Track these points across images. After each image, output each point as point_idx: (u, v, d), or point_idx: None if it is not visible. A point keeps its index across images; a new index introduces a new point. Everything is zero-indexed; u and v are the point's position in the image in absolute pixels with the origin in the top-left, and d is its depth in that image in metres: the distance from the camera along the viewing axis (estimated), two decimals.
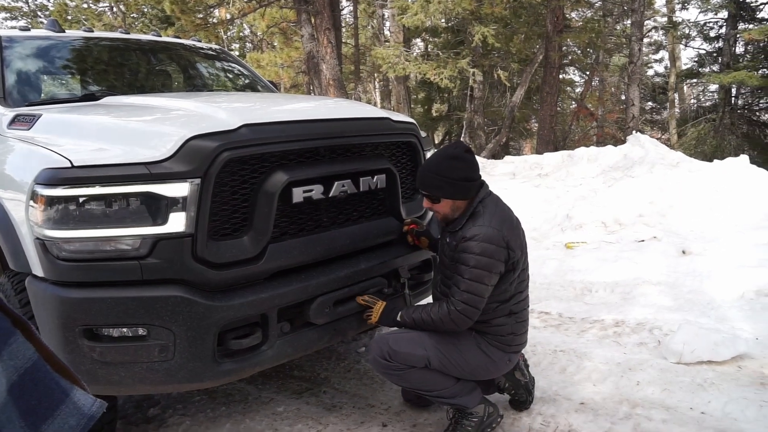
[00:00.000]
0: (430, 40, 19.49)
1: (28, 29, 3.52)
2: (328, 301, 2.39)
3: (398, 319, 2.48)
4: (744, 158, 7.03)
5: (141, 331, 2.05)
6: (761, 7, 16.31)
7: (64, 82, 3.65)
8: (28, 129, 2.42)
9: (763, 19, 16.13)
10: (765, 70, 15.54)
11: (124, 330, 2.05)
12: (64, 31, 3.63)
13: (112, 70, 3.70)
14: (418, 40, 20.76)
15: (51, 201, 1.95)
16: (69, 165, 1.98)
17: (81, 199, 1.96)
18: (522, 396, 2.76)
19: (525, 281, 2.54)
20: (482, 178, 2.53)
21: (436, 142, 21.70)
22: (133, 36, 4.09)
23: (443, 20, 15.80)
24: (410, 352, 2.38)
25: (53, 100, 3.15)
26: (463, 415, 2.50)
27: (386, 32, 22.94)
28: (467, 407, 2.49)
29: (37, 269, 2.06)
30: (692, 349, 3.08)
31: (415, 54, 17.70)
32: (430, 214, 3.10)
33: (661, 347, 3.28)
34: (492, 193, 2.52)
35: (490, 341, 2.46)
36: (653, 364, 3.08)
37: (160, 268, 2.04)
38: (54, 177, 1.96)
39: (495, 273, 2.32)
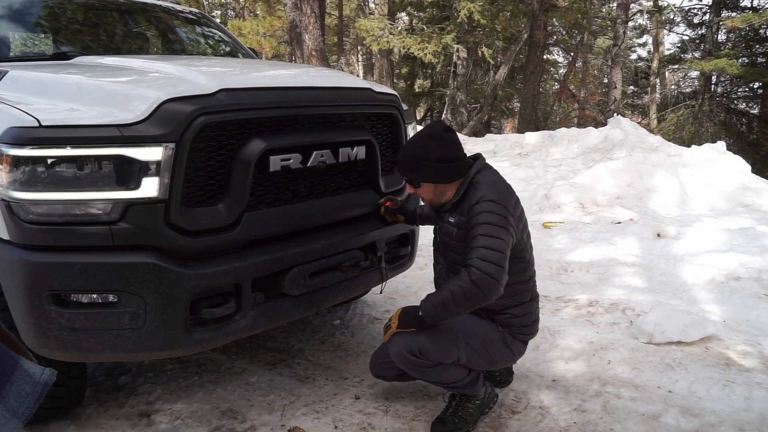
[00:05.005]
0: (415, 14, 19.28)
1: None
2: (303, 273, 2.36)
3: (420, 314, 2.23)
4: (721, 145, 7.12)
5: (111, 298, 2.00)
6: None
7: (33, 39, 3.50)
8: None
9: (746, 8, 16.23)
10: (745, 58, 15.70)
11: (94, 296, 2.00)
12: None
13: (86, 29, 3.56)
14: (403, 13, 20.54)
15: (17, 161, 1.88)
16: (37, 124, 1.90)
17: (49, 161, 1.89)
18: (504, 377, 2.78)
19: (532, 261, 2.47)
20: (471, 155, 2.43)
21: (418, 117, 21.62)
22: None
23: None
24: (445, 351, 2.28)
25: (20, 58, 3.03)
26: (467, 399, 2.47)
27: (371, 4, 22.63)
28: (477, 395, 2.47)
29: (2, 232, 2.00)
30: (663, 330, 3.13)
31: (399, 27, 17.52)
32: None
33: (633, 327, 3.32)
34: (490, 166, 2.41)
35: (515, 335, 2.42)
36: (625, 344, 3.12)
37: (131, 234, 1.98)
38: (20, 136, 1.88)
39: (510, 231, 2.17)
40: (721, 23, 16.02)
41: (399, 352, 2.31)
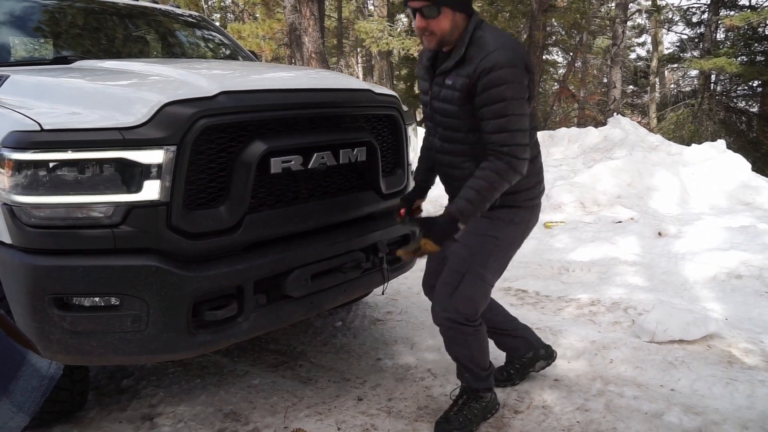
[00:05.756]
0: None
1: None
2: (305, 274, 2.36)
3: (455, 214, 2.08)
4: (721, 143, 7.12)
5: (113, 301, 2.01)
6: None
7: (33, 44, 3.51)
8: None
9: (744, 6, 16.23)
10: (744, 57, 15.69)
11: (96, 299, 2.01)
12: None
13: (86, 34, 3.57)
14: (403, 15, 20.55)
15: (19, 165, 1.89)
16: (38, 128, 1.91)
17: (51, 164, 1.90)
18: (515, 379, 2.79)
19: (535, 113, 2.32)
20: None
21: (418, 119, 21.61)
22: None
23: None
24: (482, 293, 2.29)
25: (21, 62, 3.04)
26: (474, 398, 2.48)
27: (370, 6, 22.67)
28: (488, 389, 2.49)
29: (5, 236, 2.00)
30: (665, 329, 3.13)
31: (398, 29, 17.53)
32: (412, 183, 3.00)
33: (635, 326, 3.32)
34: (485, 21, 2.15)
35: (519, 204, 2.26)
36: (627, 343, 3.12)
37: (133, 237, 1.99)
38: (22, 140, 1.89)
39: (527, 98, 2.04)
40: (719, 22, 16.01)
41: (446, 330, 2.36)
